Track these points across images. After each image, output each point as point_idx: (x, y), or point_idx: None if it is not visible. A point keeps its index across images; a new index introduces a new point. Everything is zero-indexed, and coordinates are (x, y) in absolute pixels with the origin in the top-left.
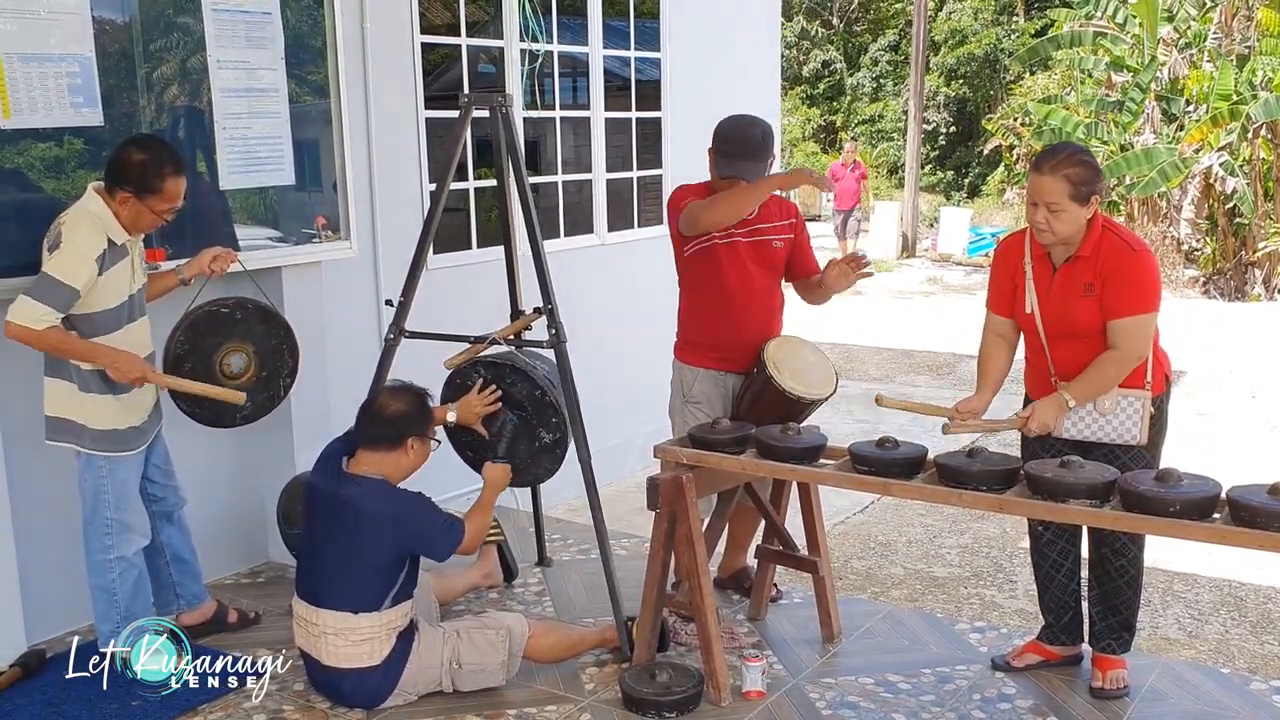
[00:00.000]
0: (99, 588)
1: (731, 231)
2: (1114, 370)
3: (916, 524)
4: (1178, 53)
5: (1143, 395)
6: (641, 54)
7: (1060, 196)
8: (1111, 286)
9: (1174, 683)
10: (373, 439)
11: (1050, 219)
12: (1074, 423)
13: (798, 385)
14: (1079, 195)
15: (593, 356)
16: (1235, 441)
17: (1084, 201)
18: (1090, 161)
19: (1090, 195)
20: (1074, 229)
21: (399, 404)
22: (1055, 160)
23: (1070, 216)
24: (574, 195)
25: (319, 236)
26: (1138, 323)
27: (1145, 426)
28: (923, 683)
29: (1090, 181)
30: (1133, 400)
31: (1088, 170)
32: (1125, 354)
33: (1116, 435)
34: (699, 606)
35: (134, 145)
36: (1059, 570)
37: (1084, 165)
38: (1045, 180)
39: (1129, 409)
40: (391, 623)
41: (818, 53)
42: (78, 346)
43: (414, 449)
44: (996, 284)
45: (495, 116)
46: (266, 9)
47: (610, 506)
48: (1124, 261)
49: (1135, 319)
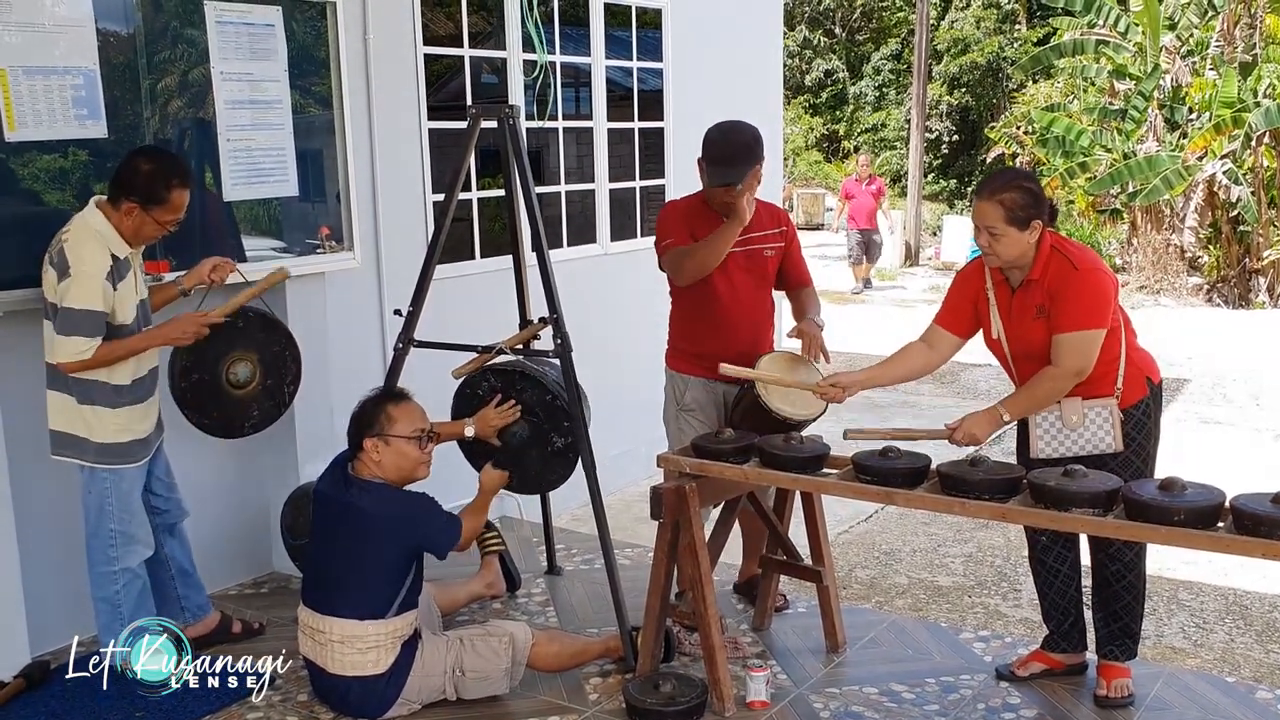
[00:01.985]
0: (103, 600)
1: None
2: (1049, 384)
3: (920, 533)
4: (1180, 60)
5: (1109, 403)
6: (644, 64)
7: (997, 221)
8: (1055, 304)
9: (1179, 692)
10: (349, 439)
11: (991, 242)
12: (1047, 443)
13: (784, 405)
14: (1015, 219)
15: (596, 366)
16: (1239, 449)
17: (1022, 226)
18: (1030, 188)
19: (1029, 220)
20: (1017, 252)
21: (357, 409)
22: (993, 186)
23: (1011, 241)
24: (577, 205)
25: (323, 247)
26: (1077, 339)
27: (1119, 433)
28: (927, 692)
29: (1028, 206)
30: (1100, 410)
31: (1026, 196)
32: (1063, 370)
33: (1092, 446)
34: (703, 616)
35: (141, 156)
36: (1056, 576)
37: (1022, 190)
38: (984, 205)
39: (1097, 419)
40: (397, 631)
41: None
42: (130, 344)
43: (378, 449)
44: (951, 301)
45: (503, 128)
46: (270, 21)
47: (614, 516)
48: (1066, 280)
49: (1074, 335)
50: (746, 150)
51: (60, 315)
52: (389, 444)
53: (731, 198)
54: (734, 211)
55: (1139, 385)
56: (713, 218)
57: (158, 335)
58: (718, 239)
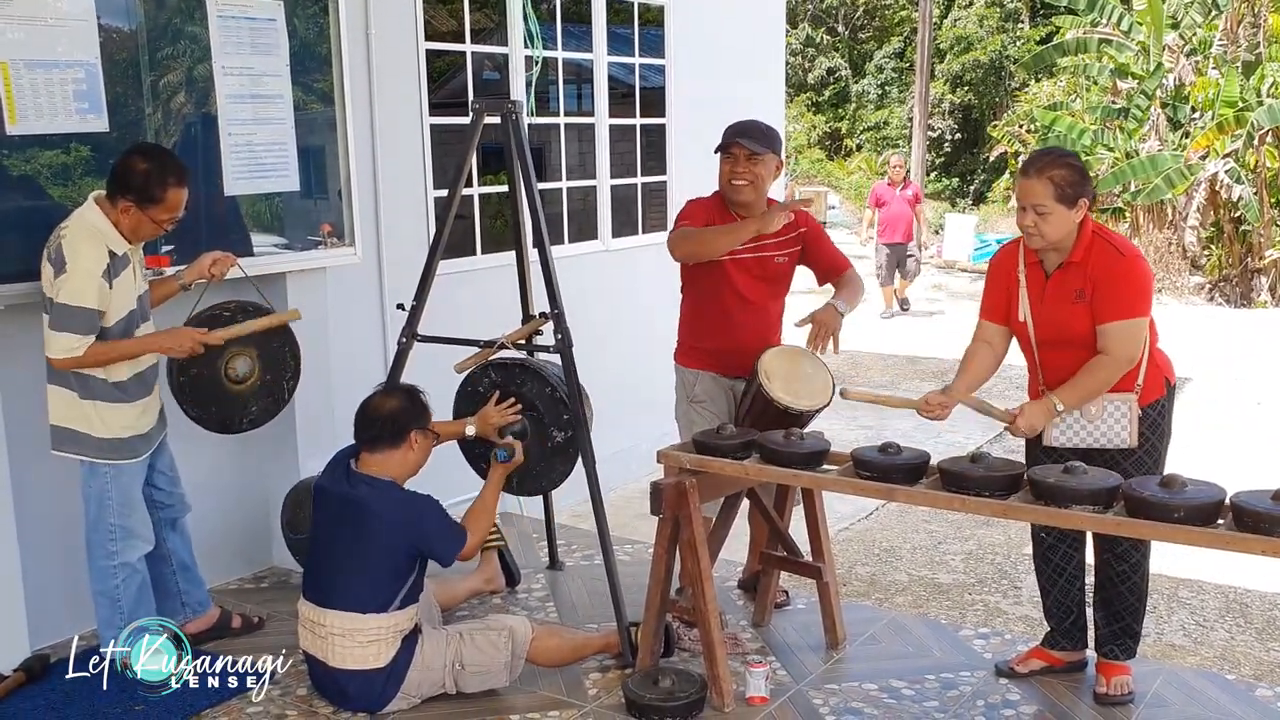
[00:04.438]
0: (102, 594)
1: (736, 249)
2: (1104, 374)
3: (920, 530)
4: (1183, 59)
5: (1129, 399)
6: (646, 61)
7: (1046, 198)
8: (1101, 291)
9: (1178, 689)
10: (375, 440)
11: (1038, 221)
12: (1062, 430)
13: (786, 395)
14: (1065, 197)
15: (597, 362)
16: (1240, 448)
17: (1070, 204)
18: (1077, 165)
19: (1078, 198)
20: (1063, 232)
21: (394, 401)
22: (1041, 163)
23: (1057, 219)
24: (578, 202)
25: (324, 243)
26: (1126, 327)
27: (1134, 429)
28: (927, 689)
29: (1076, 184)
30: (1119, 404)
31: (1074, 173)
32: (1115, 358)
33: (1105, 440)
34: (702, 612)
35: (139, 154)
36: (1061, 575)
37: (1070, 168)
38: (1031, 182)
39: (1115, 413)
40: (398, 625)
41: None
42: (124, 348)
43: (417, 443)
44: (991, 292)
45: (506, 123)
46: (271, 16)
47: (614, 512)
48: (1113, 267)
49: (1124, 323)
50: (764, 128)
51: (54, 310)
52: (426, 436)
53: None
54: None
55: (1158, 385)
56: (730, 220)
57: (153, 343)
58: (727, 233)
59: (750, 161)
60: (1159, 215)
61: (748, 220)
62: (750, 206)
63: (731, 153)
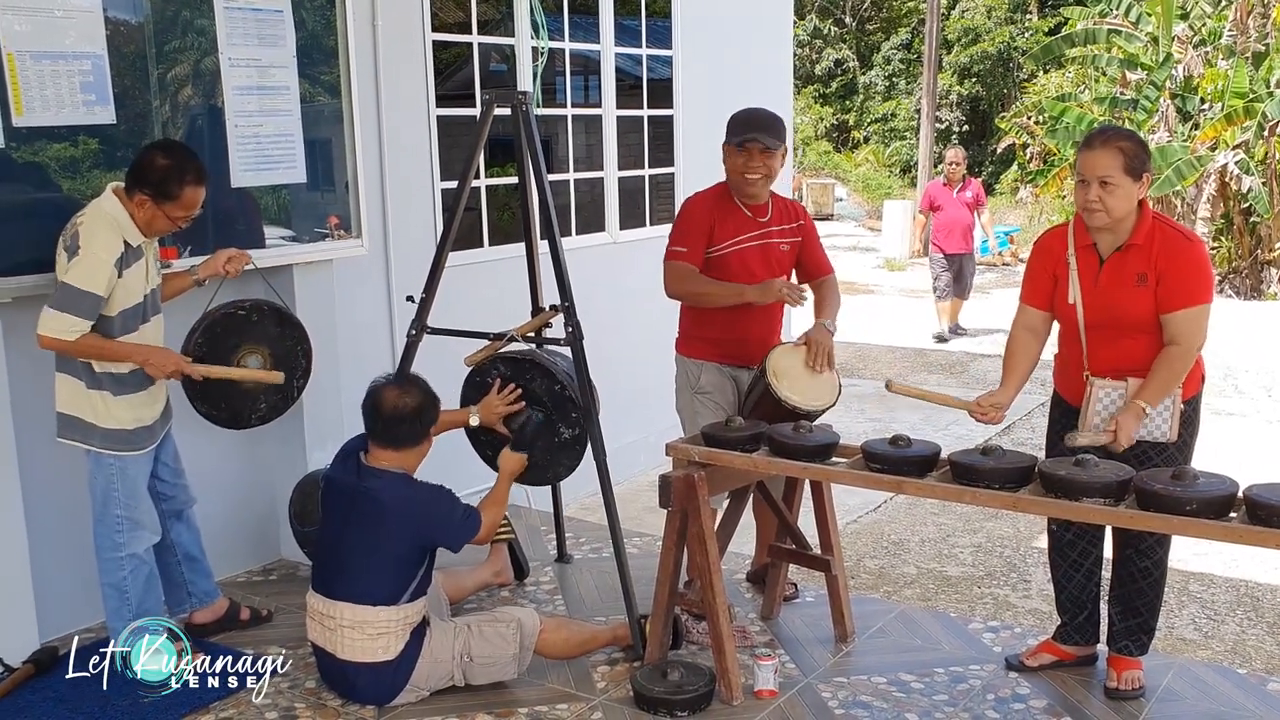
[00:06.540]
0: (110, 585)
1: (741, 239)
2: (1179, 365)
3: (930, 523)
4: (1192, 50)
5: (1175, 392)
6: (653, 52)
7: (1114, 169)
8: (1169, 278)
9: (1190, 683)
10: (398, 440)
11: (1103, 195)
12: (1104, 419)
13: (794, 394)
14: (1132, 169)
15: (605, 355)
16: (1252, 440)
17: (1136, 176)
18: (1140, 139)
19: (1142, 171)
20: (1127, 208)
21: (414, 399)
22: (1107, 134)
23: (1124, 193)
24: (586, 193)
25: (331, 235)
26: (1195, 314)
27: (1176, 423)
28: (936, 682)
29: (1141, 157)
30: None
31: (1139, 145)
32: (1187, 347)
33: (1146, 433)
34: (711, 605)
35: (159, 150)
36: (1078, 570)
37: (1135, 140)
38: (1098, 154)
39: (1160, 407)
40: (408, 618)
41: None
42: (112, 349)
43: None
44: (1034, 277)
45: (516, 115)
46: (278, 7)
47: (623, 505)
48: (1181, 253)
49: (1193, 310)
50: (775, 120)
51: (59, 290)
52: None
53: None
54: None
55: (1197, 379)
56: (735, 211)
57: (138, 354)
58: (722, 292)
59: (764, 155)
60: (1168, 207)
61: (746, 288)
62: (760, 197)
63: (746, 148)
